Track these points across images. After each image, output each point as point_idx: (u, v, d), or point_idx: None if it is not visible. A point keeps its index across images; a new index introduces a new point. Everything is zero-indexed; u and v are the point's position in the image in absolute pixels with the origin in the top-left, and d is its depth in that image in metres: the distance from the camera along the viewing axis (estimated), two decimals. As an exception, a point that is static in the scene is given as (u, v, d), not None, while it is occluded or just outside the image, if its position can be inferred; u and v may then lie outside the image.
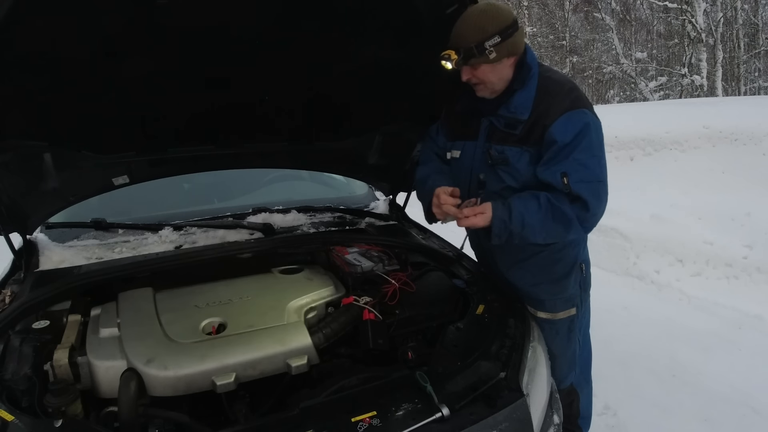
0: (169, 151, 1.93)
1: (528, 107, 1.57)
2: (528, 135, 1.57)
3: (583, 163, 1.51)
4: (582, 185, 1.50)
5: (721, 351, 3.06)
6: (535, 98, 1.57)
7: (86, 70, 1.47)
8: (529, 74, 1.57)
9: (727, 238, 4.17)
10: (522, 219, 1.52)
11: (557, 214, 1.52)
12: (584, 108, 1.54)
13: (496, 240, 1.56)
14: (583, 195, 1.50)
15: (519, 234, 1.54)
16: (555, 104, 1.54)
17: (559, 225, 1.53)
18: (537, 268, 1.77)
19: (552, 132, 1.52)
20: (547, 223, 1.52)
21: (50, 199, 1.85)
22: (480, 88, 1.60)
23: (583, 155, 1.51)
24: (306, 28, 1.57)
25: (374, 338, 1.52)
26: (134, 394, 1.21)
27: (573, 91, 1.57)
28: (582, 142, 1.51)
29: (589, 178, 1.52)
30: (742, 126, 5.29)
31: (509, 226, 1.52)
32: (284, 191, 2.69)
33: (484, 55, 1.48)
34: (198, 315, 1.53)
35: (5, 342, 1.33)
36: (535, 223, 1.52)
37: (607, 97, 19.36)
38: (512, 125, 1.60)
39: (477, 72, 1.54)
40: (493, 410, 1.20)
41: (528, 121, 1.57)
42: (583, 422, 2.12)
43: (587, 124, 1.53)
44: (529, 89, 1.57)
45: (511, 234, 1.54)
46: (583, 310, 1.93)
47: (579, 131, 1.51)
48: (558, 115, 1.52)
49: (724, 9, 14.36)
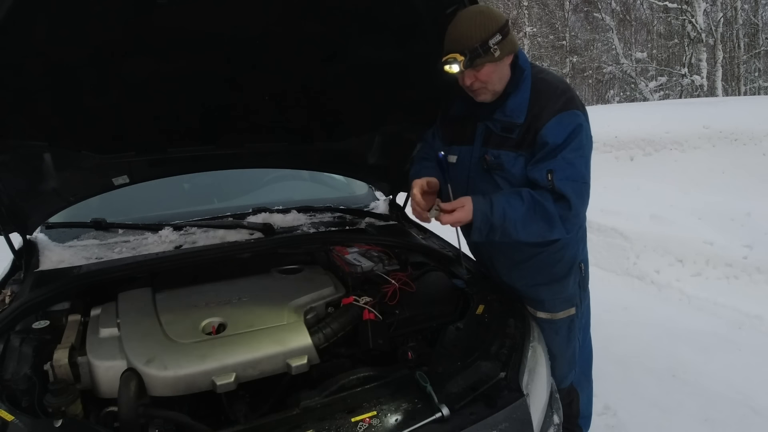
0: (169, 151, 1.93)
1: (523, 110, 1.57)
2: (523, 139, 1.58)
3: (570, 162, 1.51)
4: (566, 183, 1.50)
5: (721, 351, 3.06)
6: (529, 101, 1.57)
7: (86, 70, 1.47)
8: (522, 76, 1.58)
9: (727, 238, 4.17)
10: (503, 212, 1.50)
11: (539, 209, 1.51)
12: (576, 109, 1.55)
13: (476, 235, 1.53)
14: (567, 193, 1.50)
15: (501, 227, 1.51)
16: (548, 106, 1.54)
17: (542, 222, 1.52)
18: (535, 269, 1.77)
19: (543, 134, 1.53)
20: (529, 218, 1.51)
21: (50, 199, 1.85)
22: (481, 91, 1.59)
23: (572, 154, 1.51)
24: (306, 28, 1.57)
25: (374, 338, 1.52)
26: (134, 394, 1.21)
27: (565, 92, 1.58)
28: (572, 142, 1.52)
29: (575, 176, 1.52)
30: (742, 126, 5.29)
31: (490, 219, 1.50)
32: (284, 191, 2.69)
33: (489, 54, 1.48)
34: (198, 315, 1.53)
35: (5, 342, 1.34)
36: (517, 217, 1.50)
37: (607, 97, 19.37)
38: (509, 129, 1.60)
39: (480, 74, 1.53)
40: (493, 410, 1.20)
41: (524, 124, 1.57)
42: (583, 422, 2.12)
43: (579, 125, 1.53)
44: (523, 92, 1.58)
45: (492, 228, 1.51)
46: (583, 310, 1.93)
47: (570, 132, 1.52)
48: (550, 117, 1.53)
49: (724, 9, 14.35)
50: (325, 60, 1.73)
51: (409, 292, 1.70)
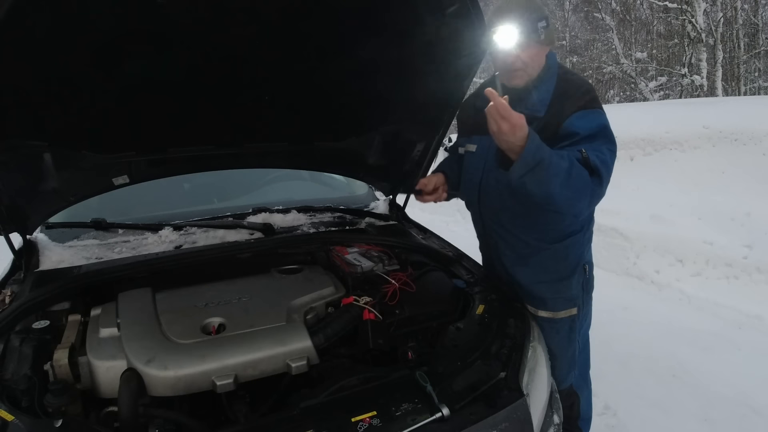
0: (169, 151, 1.93)
1: (545, 105, 1.59)
2: (541, 132, 1.55)
3: (600, 150, 1.50)
4: (599, 163, 1.48)
5: (721, 351, 3.06)
6: (551, 98, 1.59)
7: (86, 69, 1.47)
8: (549, 73, 1.61)
9: (727, 238, 4.18)
10: (551, 158, 1.40)
11: (578, 173, 1.45)
12: (600, 109, 1.57)
13: (519, 167, 1.40)
14: (601, 170, 1.47)
15: (546, 169, 1.39)
16: (570, 104, 1.56)
17: (578, 184, 1.45)
18: (540, 265, 1.78)
19: (567, 125, 1.53)
20: (567, 177, 1.43)
21: (50, 199, 1.85)
22: (519, 74, 1.60)
23: (603, 146, 1.52)
24: (306, 27, 1.57)
25: (374, 338, 1.52)
26: (134, 394, 1.20)
27: (590, 92, 1.60)
28: (600, 137, 1.53)
29: (606, 161, 1.50)
30: (742, 126, 5.29)
31: (541, 153, 1.39)
32: (284, 191, 2.69)
33: (536, 34, 1.52)
34: (198, 315, 1.53)
35: (5, 342, 1.33)
36: (561, 170, 1.41)
37: (607, 97, 19.33)
38: (528, 122, 1.58)
39: (524, 54, 1.55)
40: (493, 410, 1.20)
41: (543, 119, 1.58)
42: (584, 424, 2.12)
43: (603, 124, 1.55)
44: (547, 87, 1.60)
45: (539, 165, 1.39)
46: (585, 312, 1.93)
47: (597, 127, 1.53)
48: (573, 112, 1.54)
49: (724, 9, 14.34)
50: (325, 60, 1.72)
51: (409, 292, 1.70)
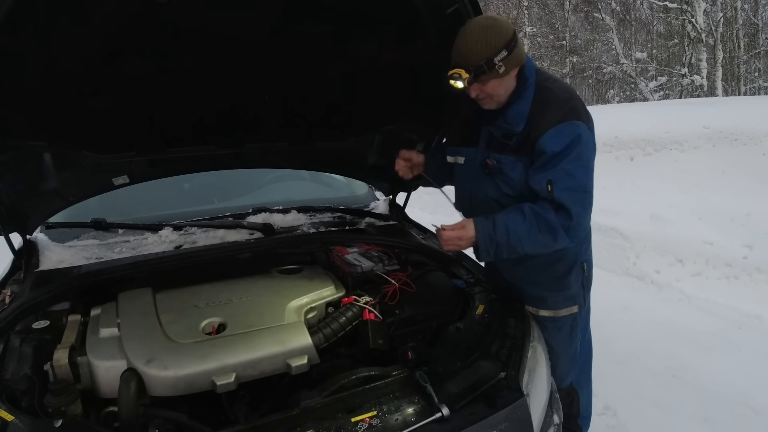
0: (169, 151, 1.93)
1: (523, 119, 1.59)
2: (521, 146, 1.60)
3: (570, 173, 1.53)
4: (566, 193, 1.53)
5: (721, 351, 3.06)
6: (530, 110, 1.59)
7: (86, 69, 1.47)
8: (525, 85, 1.59)
9: (727, 238, 4.17)
10: (506, 229, 1.54)
11: (542, 222, 1.54)
12: (577, 120, 1.56)
13: (484, 255, 1.60)
14: (567, 203, 1.53)
15: (506, 245, 1.55)
16: (548, 116, 1.55)
17: (545, 234, 1.55)
18: (538, 266, 1.78)
19: (541, 144, 1.55)
20: (532, 232, 1.54)
21: (50, 199, 1.85)
22: (487, 101, 1.61)
23: (571, 165, 1.53)
24: (306, 28, 1.57)
25: (374, 338, 1.52)
26: (134, 394, 1.21)
27: (569, 101, 1.58)
28: (572, 152, 1.53)
29: (575, 186, 1.54)
30: (742, 126, 5.29)
31: (494, 237, 1.55)
32: (284, 191, 2.69)
33: (494, 71, 1.50)
34: (198, 315, 1.53)
35: (5, 342, 1.33)
36: (521, 232, 1.54)
37: (607, 97, 19.34)
38: (508, 136, 1.63)
39: (486, 87, 1.55)
40: (493, 410, 1.20)
41: (522, 133, 1.59)
42: (583, 422, 2.12)
43: (578, 135, 1.54)
44: (525, 101, 1.59)
45: (498, 246, 1.56)
46: (585, 309, 1.93)
47: (570, 142, 1.53)
48: (549, 128, 1.54)
49: (724, 9, 14.34)
50: (325, 60, 1.72)
51: (409, 292, 1.70)
